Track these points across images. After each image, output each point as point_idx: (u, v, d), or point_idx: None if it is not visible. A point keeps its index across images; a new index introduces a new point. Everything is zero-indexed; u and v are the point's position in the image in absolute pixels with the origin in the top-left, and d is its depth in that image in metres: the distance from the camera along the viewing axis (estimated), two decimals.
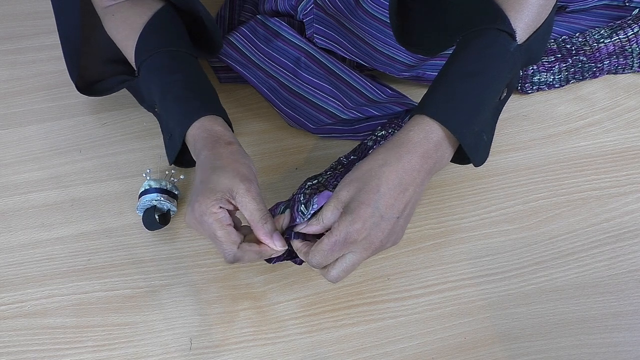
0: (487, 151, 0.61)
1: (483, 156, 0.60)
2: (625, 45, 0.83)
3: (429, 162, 0.57)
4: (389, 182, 0.56)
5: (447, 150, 0.58)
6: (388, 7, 0.78)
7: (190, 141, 0.63)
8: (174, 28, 0.70)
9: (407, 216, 0.58)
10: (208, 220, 0.57)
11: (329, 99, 0.79)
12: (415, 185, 0.57)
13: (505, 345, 0.63)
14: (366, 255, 0.57)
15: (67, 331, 0.65)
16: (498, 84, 0.58)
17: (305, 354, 0.63)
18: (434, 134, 0.57)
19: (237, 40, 0.84)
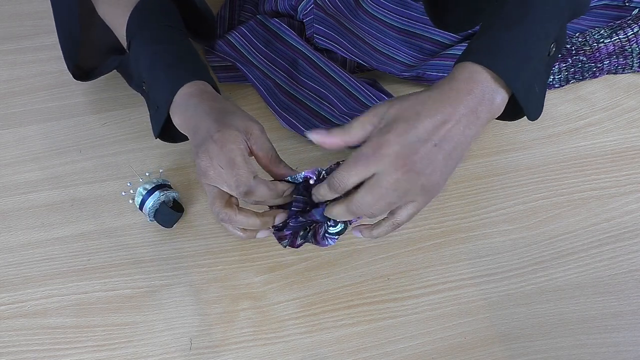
0: (541, 105, 0.57)
1: (536, 109, 0.57)
2: (625, 45, 0.83)
3: (474, 100, 0.53)
4: (429, 108, 0.52)
5: (496, 93, 0.53)
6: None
7: (180, 102, 0.61)
8: (168, 8, 0.70)
9: (446, 152, 0.52)
10: (231, 146, 0.55)
11: (324, 104, 0.79)
12: (457, 118, 0.52)
13: (505, 345, 0.63)
14: (397, 176, 0.51)
15: (67, 331, 0.65)
16: (545, 33, 0.55)
17: (305, 354, 0.63)
18: (479, 75, 0.53)
19: (236, 40, 0.84)
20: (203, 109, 0.59)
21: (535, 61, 0.55)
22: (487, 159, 0.76)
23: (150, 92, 0.65)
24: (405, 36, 0.83)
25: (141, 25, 0.66)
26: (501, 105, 0.54)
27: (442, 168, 0.53)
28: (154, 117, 0.65)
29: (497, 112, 0.55)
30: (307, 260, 0.69)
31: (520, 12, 0.55)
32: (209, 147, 0.56)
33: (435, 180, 0.53)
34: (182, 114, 0.61)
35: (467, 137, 0.53)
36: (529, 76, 0.55)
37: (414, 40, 0.83)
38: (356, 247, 0.70)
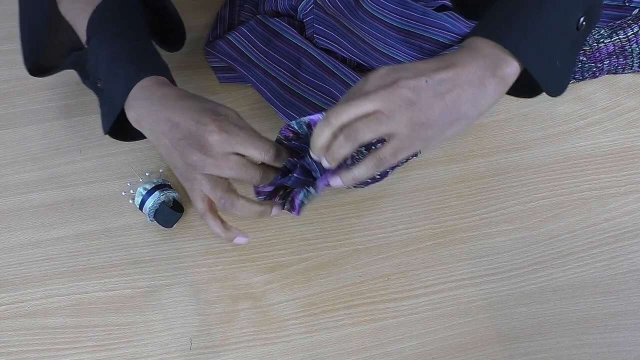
0: (565, 80, 0.56)
1: (558, 84, 0.55)
2: (625, 45, 0.83)
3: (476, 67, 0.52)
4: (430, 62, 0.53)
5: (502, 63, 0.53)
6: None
7: (138, 96, 0.59)
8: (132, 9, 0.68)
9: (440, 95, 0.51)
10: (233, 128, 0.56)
11: (326, 98, 0.79)
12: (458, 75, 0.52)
13: (505, 345, 0.63)
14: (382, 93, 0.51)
15: (67, 331, 0.65)
16: (567, 6, 0.54)
17: (305, 354, 0.63)
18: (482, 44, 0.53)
19: (236, 40, 0.84)
20: (175, 101, 0.58)
21: (555, 34, 0.54)
22: (487, 159, 0.76)
23: (106, 88, 0.63)
24: (405, 36, 0.83)
25: (103, 23, 0.65)
26: (509, 77, 0.53)
27: (436, 111, 0.52)
28: (106, 113, 0.63)
29: (504, 83, 0.53)
30: (307, 260, 0.69)
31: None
32: (207, 138, 0.56)
33: (426, 118, 0.51)
34: (143, 108, 0.59)
35: (467, 94, 0.52)
36: (546, 49, 0.53)
37: (414, 40, 0.82)
38: (356, 247, 0.70)
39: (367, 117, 0.51)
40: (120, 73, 0.61)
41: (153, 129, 0.59)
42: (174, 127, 0.57)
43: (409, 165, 0.76)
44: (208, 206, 0.60)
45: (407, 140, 0.52)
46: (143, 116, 0.59)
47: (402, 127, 0.51)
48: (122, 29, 0.64)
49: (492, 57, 0.53)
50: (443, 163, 0.76)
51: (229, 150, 0.56)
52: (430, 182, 0.74)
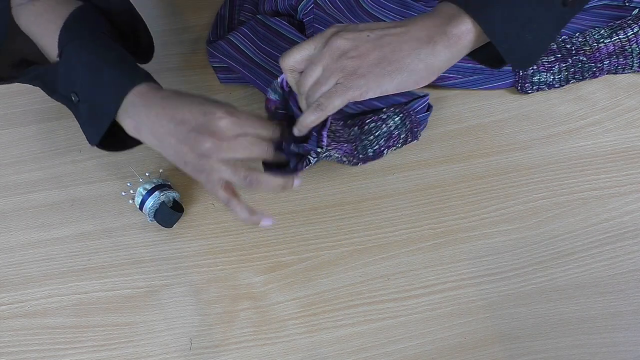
0: (533, 54, 0.56)
1: (523, 56, 0.55)
2: (625, 45, 0.83)
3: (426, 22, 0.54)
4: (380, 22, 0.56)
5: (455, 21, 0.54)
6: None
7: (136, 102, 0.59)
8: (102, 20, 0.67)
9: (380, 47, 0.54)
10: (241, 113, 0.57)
11: None
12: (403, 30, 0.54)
13: (505, 345, 0.63)
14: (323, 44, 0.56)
15: (67, 331, 0.65)
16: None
17: (305, 354, 0.63)
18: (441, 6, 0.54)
19: (237, 40, 0.84)
20: (177, 100, 0.58)
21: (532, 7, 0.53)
22: (487, 159, 0.77)
23: (87, 99, 0.62)
24: None
25: (78, 33, 0.63)
26: (462, 34, 0.54)
27: (372, 60, 0.54)
28: (91, 124, 0.62)
29: (456, 40, 0.54)
30: (307, 260, 0.69)
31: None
32: (218, 124, 0.56)
33: (359, 67, 0.54)
34: (142, 114, 0.59)
35: (411, 46, 0.54)
36: (516, 19, 0.53)
37: None
38: (356, 247, 0.70)
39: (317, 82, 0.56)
40: (108, 82, 0.60)
41: (156, 132, 0.59)
42: (180, 124, 0.57)
43: (409, 165, 0.76)
44: (231, 193, 0.60)
45: (340, 87, 0.55)
46: (143, 122, 0.59)
47: (336, 77, 0.55)
48: (100, 39, 0.63)
49: (447, 15, 0.54)
50: (443, 163, 0.76)
51: (239, 132, 0.57)
52: (430, 182, 0.74)
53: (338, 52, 0.55)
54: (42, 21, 0.65)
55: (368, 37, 0.55)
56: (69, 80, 0.62)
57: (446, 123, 0.80)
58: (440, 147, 0.78)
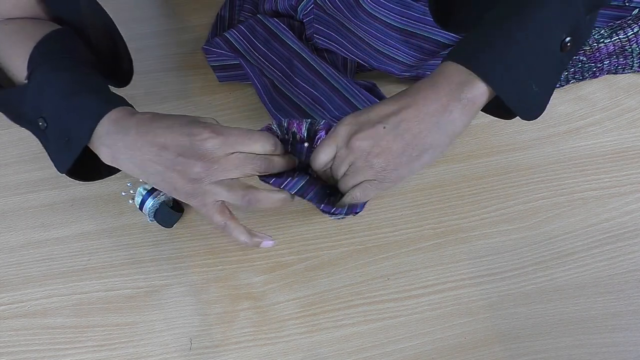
0: (541, 104, 0.55)
1: (532, 108, 0.55)
2: (625, 45, 0.83)
3: (438, 92, 0.53)
4: (389, 100, 0.55)
5: (468, 86, 0.52)
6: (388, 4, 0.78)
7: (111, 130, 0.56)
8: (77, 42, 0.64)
9: (400, 137, 0.54)
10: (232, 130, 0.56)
11: (316, 107, 0.79)
12: (417, 107, 0.53)
13: (505, 345, 0.63)
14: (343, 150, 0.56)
15: (67, 331, 0.65)
16: (549, 29, 0.53)
17: (305, 354, 0.63)
18: (448, 69, 0.53)
19: (234, 39, 0.84)
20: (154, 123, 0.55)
21: (533, 58, 0.53)
22: (487, 159, 0.77)
23: (56, 125, 0.58)
24: (405, 36, 0.83)
25: (51, 54, 0.60)
26: (476, 99, 0.53)
27: (397, 154, 0.54)
28: (61, 150, 0.58)
29: (472, 105, 0.53)
30: (307, 260, 0.69)
31: (518, 7, 0.53)
32: (205, 146, 0.54)
33: (387, 163, 0.54)
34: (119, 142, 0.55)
35: (428, 124, 0.53)
36: (521, 73, 0.53)
37: (414, 40, 0.82)
38: (356, 247, 0.70)
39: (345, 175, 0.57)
40: (81, 107, 0.57)
41: (136, 161, 0.56)
42: (162, 150, 0.55)
43: None
44: (228, 216, 0.59)
45: (374, 183, 0.56)
46: (120, 151, 0.56)
47: (367, 175, 0.56)
48: (73, 62, 0.60)
49: (458, 81, 0.53)
50: (443, 163, 0.76)
51: (229, 151, 0.55)
52: (430, 182, 0.74)
53: (362, 154, 0.55)
54: (13, 41, 0.62)
55: (385, 129, 0.54)
56: (37, 105, 0.59)
57: None
58: None
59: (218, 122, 0.59)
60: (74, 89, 0.57)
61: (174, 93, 0.84)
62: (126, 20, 0.68)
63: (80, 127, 0.56)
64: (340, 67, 0.84)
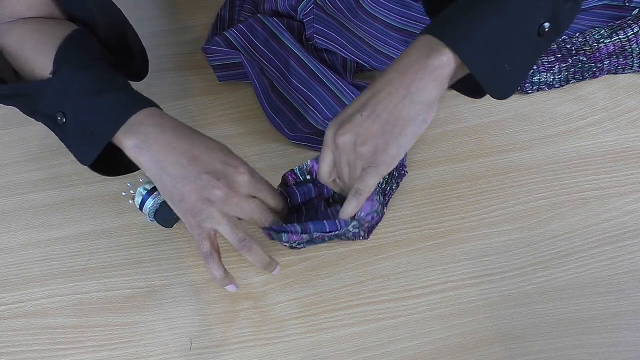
0: (512, 84, 0.56)
1: (502, 86, 0.55)
2: (625, 45, 0.83)
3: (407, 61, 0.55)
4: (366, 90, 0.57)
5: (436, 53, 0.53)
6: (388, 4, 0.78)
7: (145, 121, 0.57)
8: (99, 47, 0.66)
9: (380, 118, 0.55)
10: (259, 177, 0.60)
11: (309, 108, 0.79)
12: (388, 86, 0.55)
13: (505, 345, 0.63)
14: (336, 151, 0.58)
15: (67, 331, 0.65)
16: (527, 11, 0.54)
17: (305, 354, 0.63)
18: (419, 40, 0.55)
19: (233, 38, 0.84)
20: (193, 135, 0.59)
21: (507, 38, 0.54)
22: (487, 159, 0.77)
23: (78, 119, 0.59)
24: (405, 36, 0.83)
25: (77, 52, 0.62)
26: (443, 66, 0.54)
27: (380, 133, 0.55)
28: (84, 143, 0.59)
29: (440, 72, 0.54)
30: (307, 260, 0.69)
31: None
32: (237, 178, 0.58)
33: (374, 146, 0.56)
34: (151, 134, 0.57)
35: (399, 96, 0.55)
36: (492, 49, 0.53)
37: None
38: (356, 247, 0.70)
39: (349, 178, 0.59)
40: (111, 104, 0.59)
41: (160, 159, 0.57)
42: (193, 160, 0.57)
43: (410, 165, 0.76)
44: (216, 247, 0.60)
45: (371, 169, 0.57)
46: (149, 143, 0.57)
47: (363, 164, 0.57)
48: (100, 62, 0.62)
49: (426, 50, 0.54)
50: (443, 163, 0.76)
51: (251, 193, 0.59)
52: (430, 182, 0.74)
53: (348, 147, 0.57)
54: (35, 39, 0.64)
55: (362, 116, 0.56)
56: (58, 100, 0.60)
57: (446, 123, 0.80)
58: (440, 147, 0.78)
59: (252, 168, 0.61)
60: (100, 87, 0.59)
61: (174, 93, 0.84)
62: None
63: (107, 121, 0.58)
64: (340, 68, 0.84)
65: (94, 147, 0.59)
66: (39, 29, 0.65)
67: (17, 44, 0.65)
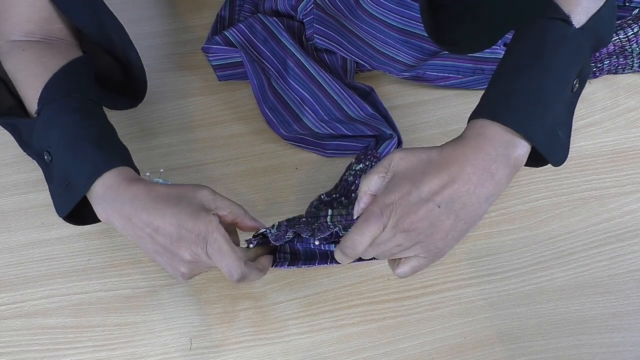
0: (566, 149, 0.56)
1: (561, 154, 0.55)
2: (625, 45, 0.83)
3: (484, 158, 0.51)
4: (435, 168, 0.51)
5: (512, 146, 0.52)
6: (388, 6, 0.78)
7: (105, 195, 0.57)
8: (92, 81, 0.65)
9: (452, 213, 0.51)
10: (213, 235, 0.54)
11: (306, 110, 0.79)
12: (465, 178, 0.51)
13: (505, 345, 0.63)
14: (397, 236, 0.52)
15: (67, 331, 0.65)
16: (563, 74, 0.54)
17: (305, 354, 0.63)
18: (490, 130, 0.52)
19: (233, 37, 0.83)
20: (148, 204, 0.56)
21: (555, 105, 0.53)
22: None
23: (60, 164, 0.59)
24: (405, 36, 0.83)
25: (64, 91, 0.61)
26: (521, 158, 0.53)
27: (449, 229, 0.52)
28: (61, 194, 0.60)
29: (517, 165, 0.53)
30: None
31: (532, 56, 0.53)
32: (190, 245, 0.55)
33: (439, 241, 0.53)
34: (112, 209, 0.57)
35: (480, 197, 0.52)
36: (550, 122, 0.53)
37: (414, 40, 0.82)
38: None
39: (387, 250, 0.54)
40: (82, 158, 0.58)
41: (129, 233, 0.58)
42: (155, 232, 0.55)
43: None
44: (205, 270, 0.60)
45: (424, 261, 0.55)
46: (114, 218, 0.57)
47: (418, 252, 0.54)
48: (83, 102, 0.61)
49: (504, 143, 0.52)
50: None
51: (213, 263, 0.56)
52: None
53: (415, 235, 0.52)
54: (28, 72, 0.63)
55: (439, 208, 0.51)
56: (44, 140, 0.60)
57: (446, 123, 0.80)
58: None
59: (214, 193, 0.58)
60: (77, 135, 0.59)
61: (174, 93, 0.84)
62: (126, 21, 0.68)
63: (80, 177, 0.58)
64: (340, 68, 0.84)
65: (70, 201, 0.59)
66: (33, 59, 0.63)
67: (12, 74, 0.64)
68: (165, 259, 0.57)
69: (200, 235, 0.54)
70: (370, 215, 0.52)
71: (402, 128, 0.79)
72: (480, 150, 0.51)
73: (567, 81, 0.54)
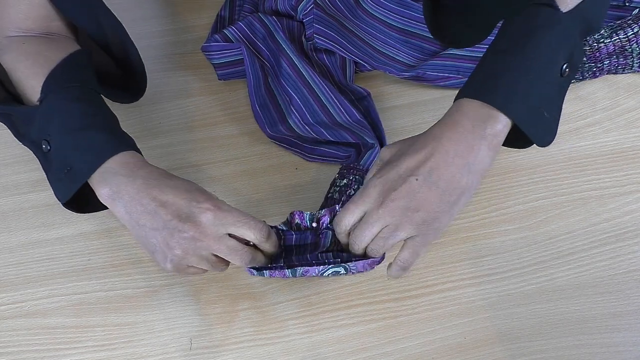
0: (552, 130, 0.57)
1: (546, 134, 0.57)
2: (625, 45, 0.83)
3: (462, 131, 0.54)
4: (414, 148, 0.55)
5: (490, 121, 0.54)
6: (389, 6, 0.78)
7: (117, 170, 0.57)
8: (93, 73, 0.65)
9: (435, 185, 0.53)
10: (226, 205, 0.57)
11: (293, 112, 0.79)
12: (443, 151, 0.53)
13: (505, 345, 0.63)
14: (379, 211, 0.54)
15: (67, 331, 0.65)
16: (550, 57, 0.55)
17: (305, 354, 0.63)
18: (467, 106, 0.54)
19: (233, 36, 0.83)
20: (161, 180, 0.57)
21: (540, 85, 0.55)
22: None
23: (59, 152, 0.59)
24: (405, 36, 0.83)
25: (66, 82, 0.61)
26: (500, 133, 0.54)
27: (434, 201, 0.54)
28: (62, 180, 0.59)
29: (497, 140, 0.55)
30: None
31: (518, 40, 0.55)
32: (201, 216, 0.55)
33: (427, 214, 0.54)
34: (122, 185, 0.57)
35: (459, 166, 0.54)
36: (534, 101, 0.54)
37: (414, 40, 0.83)
38: None
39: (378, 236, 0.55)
40: (89, 143, 0.58)
41: (132, 209, 0.57)
42: (161, 206, 0.56)
43: None
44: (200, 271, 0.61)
45: (419, 239, 0.56)
46: (121, 194, 0.57)
47: (410, 231, 0.55)
48: (87, 92, 0.62)
49: (479, 117, 0.54)
50: None
51: (222, 232, 0.56)
52: None
53: (399, 212, 0.54)
54: (30, 62, 0.63)
55: (417, 181, 0.54)
56: (44, 129, 0.60)
57: None
58: None
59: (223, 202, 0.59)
60: (83, 122, 0.59)
61: (174, 93, 0.84)
62: (126, 20, 0.68)
63: (84, 161, 0.58)
64: (339, 68, 0.84)
65: (71, 186, 0.58)
66: (35, 51, 0.64)
67: (11, 65, 0.64)
68: (161, 239, 0.56)
69: (213, 204, 0.56)
70: (356, 196, 0.56)
71: (402, 128, 0.79)
72: (457, 124, 0.54)
73: (553, 63, 0.55)
